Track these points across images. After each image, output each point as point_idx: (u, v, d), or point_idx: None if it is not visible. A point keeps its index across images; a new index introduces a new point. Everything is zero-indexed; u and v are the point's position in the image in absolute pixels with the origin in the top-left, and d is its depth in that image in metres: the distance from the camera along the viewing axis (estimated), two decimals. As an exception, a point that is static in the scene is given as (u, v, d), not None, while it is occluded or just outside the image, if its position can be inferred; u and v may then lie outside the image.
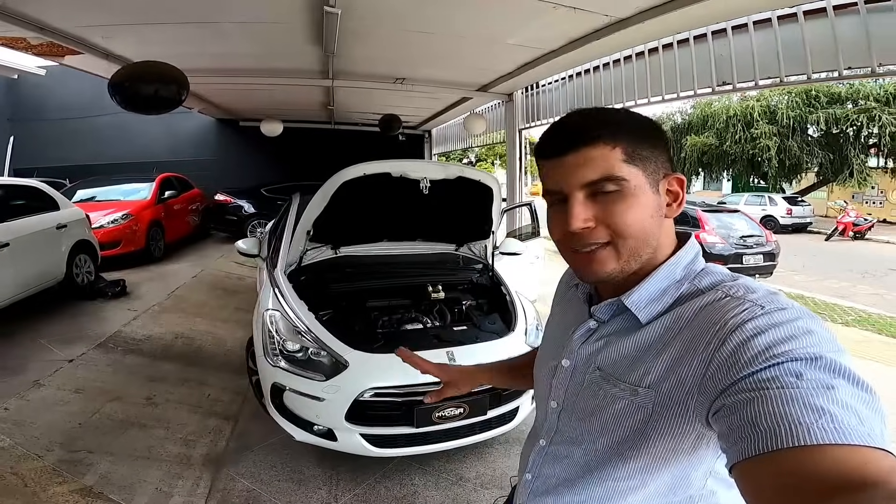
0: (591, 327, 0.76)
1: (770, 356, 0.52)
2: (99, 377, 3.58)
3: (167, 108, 3.92)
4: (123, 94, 3.65)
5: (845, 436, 0.44)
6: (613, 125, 0.67)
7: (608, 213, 0.66)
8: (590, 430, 0.72)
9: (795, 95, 16.52)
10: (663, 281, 0.69)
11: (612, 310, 0.73)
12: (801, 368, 0.50)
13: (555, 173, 0.69)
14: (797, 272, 9.61)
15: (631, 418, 0.66)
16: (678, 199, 0.71)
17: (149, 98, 3.72)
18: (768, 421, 0.47)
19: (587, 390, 0.73)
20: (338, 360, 2.54)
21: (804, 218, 16.84)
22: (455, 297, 3.44)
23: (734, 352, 0.55)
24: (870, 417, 0.46)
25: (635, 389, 0.66)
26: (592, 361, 0.73)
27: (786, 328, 0.54)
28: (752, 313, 0.57)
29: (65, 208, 5.63)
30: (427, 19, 4.20)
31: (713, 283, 0.67)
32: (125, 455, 2.73)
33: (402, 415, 2.53)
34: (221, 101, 8.96)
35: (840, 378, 0.49)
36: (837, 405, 0.46)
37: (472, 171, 3.23)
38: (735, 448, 0.49)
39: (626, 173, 0.66)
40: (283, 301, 2.85)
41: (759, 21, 3.90)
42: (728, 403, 0.53)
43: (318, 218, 3.02)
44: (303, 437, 2.59)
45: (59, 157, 11.14)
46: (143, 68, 3.76)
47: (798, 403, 0.47)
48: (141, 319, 4.83)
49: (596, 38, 4.23)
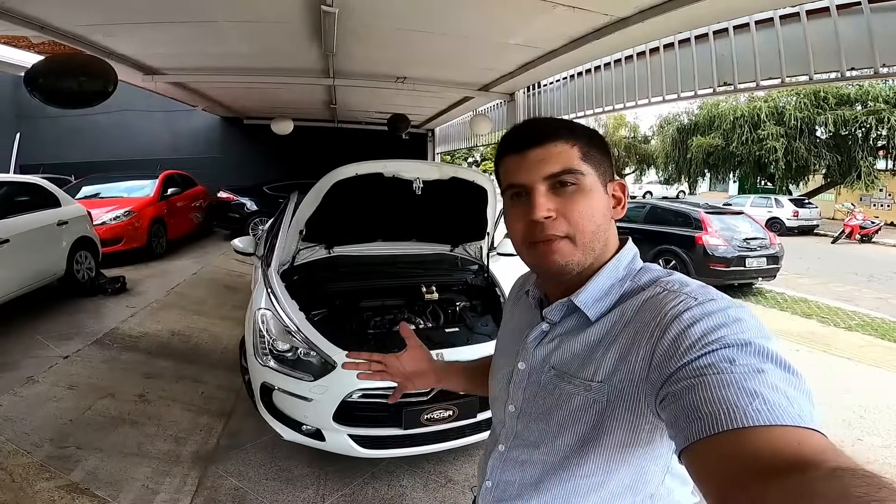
0: (543, 329, 0.79)
1: (705, 343, 0.56)
2: (93, 374, 3.59)
3: (92, 102, 3.73)
4: (40, 89, 3.47)
5: (777, 417, 0.47)
6: (570, 128, 0.74)
7: (567, 205, 0.70)
8: (548, 430, 0.74)
9: (804, 96, 16.41)
10: (607, 280, 0.73)
11: (562, 310, 0.76)
12: (734, 354, 0.54)
13: (518, 167, 0.73)
14: (802, 275, 9.51)
15: (587, 414, 0.69)
16: (621, 203, 0.78)
17: (71, 93, 3.54)
18: (708, 406, 0.50)
19: (543, 390, 0.75)
20: (326, 360, 2.53)
21: (811, 220, 16.68)
22: (449, 298, 3.43)
23: (674, 341, 0.59)
24: (797, 398, 0.50)
25: (588, 385, 0.68)
26: (547, 362, 0.75)
27: (717, 317, 0.59)
28: (688, 304, 0.62)
29: (66, 205, 5.66)
30: (426, 19, 4.19)
31: (651, 280, 0.72)
32: (114, 452, 2.73)
33: (390, 416, 2.52)
34: (224, 99, 9.00)
35: (769, 362, 0.53)
36: (768, 388, 0.49)
37: (466, 171, 3.21)
38: (681, 434, 0.52)
39: (583, 168, 0.71)
40: (274, 300, 2.85)
41: (761, 21, 3.85)
42: (672, 391, 0.56)
43: (310, 217, 3.02)
44: (291, 436, 2.58)
45: (65, 154, 11.23)
46: (63, 61, 3.60)
47: (733, 387, 0.50)
48: (139, 316, 4.85)
49: (596, 38, 4.20)
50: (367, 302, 3.29)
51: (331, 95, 8.00)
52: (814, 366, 4.68)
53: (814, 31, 3.47)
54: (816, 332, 5.81)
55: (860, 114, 15.58)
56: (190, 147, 12.21)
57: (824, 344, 5.35)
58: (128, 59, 5.57)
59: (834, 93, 16.06)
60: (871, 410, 3.75)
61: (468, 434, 2.68)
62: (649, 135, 26.20)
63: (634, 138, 26.40)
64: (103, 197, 8.02)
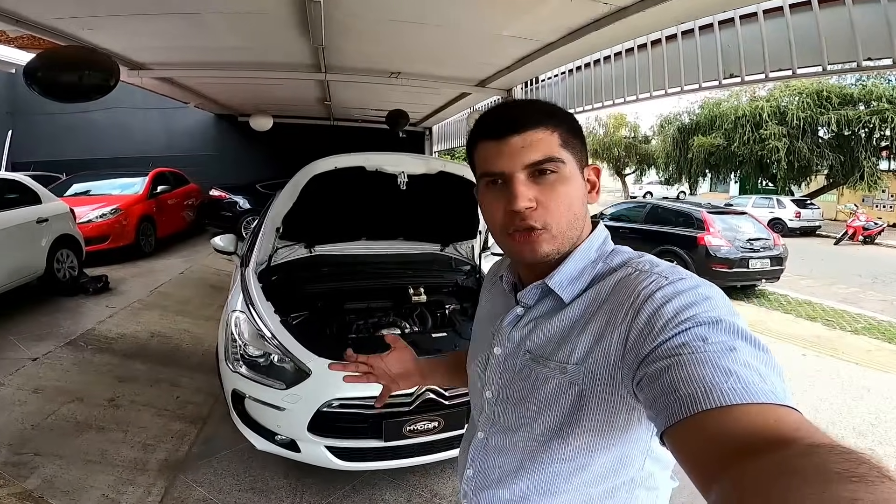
0: (518, 313, 0.78)
1: (678, 322, 0.56)
2: (62, 377, 3.42)
3: (93, 96, 3.63)
4: (39, 82, 3.35)
5: (752, 395, 0.47)
6: (551, 114, 0.73)
7: (547, 194, 0.69)
8: (526, 415, 0.73)
9: (806, 96, 16.26)
10: (580, 262, 0.73)
11: (536, 294, 0.76)
12: (706, 332, 0.54)
13: (497, 155, 0.71)
14: (804, 277, 9.34)
15: (564, 396, 0.68)
16: (595, 187, 0.77)
17: (71, 86, 3.43)
18: (685, 386, 0.50)
19: (520, 375, 0.75)
20: (300, 367, 2.36)
21: (813, 221, 16.47)
22: (438, 300, 3.25)
23: (647, 321, 0.59)
24: (769, 375, 0.50)
25: (564, 367, 0.68)
26: (522, 345, 0.75)
27: (688, 295, 0.59)
28: (659, 284, 0.62)
29: (47, 202, 5.49)
30: (417, 10, 4.01)
31: (623, 261, 0.72)
32: (76, 459, 2.58)
33: (369, 427, 2.35)
34: (215, 95, 8.82)
35: (739, 339, 0.54)
36: (741, 365, 0.50)
37: (455, 165, 3.04)
38: (661, 415, 0.52)
39: (563, 156, 0.70)
40: (249, 303, 2.68)
41: (770, 10, 3.67)
42: (648, 372, 0.56)
43: (288, 214, 2.85)
44: (264, 446, 2.42)
45: (57, 151, 11.11)
46: (62, 54, 3.50)
47: (708, 366, 0.50)
48: (118, 317, 4.68)
49: (595, 29, 4.03)
50: (350, 304, 3.12)
51: (325, 92, 7.83)
52: (821, 371, 4.52)
53: (827, 20, 3.28)
54: (822, 336, 5.66)
55: (863, 113, 15.38)
56: (184, 145, 12.06)
57: (831, 348, 5.21)
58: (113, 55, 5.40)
59: (837, 92, 15.89)
60: (883, 418, 3.61)
61: (455, 446, 2.50)
62: (650, 135, 26.02)
63: (635, 138, 26.22)
64: (93, 195, 7.86)
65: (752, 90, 18.70)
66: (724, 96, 19.52)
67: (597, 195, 0.78)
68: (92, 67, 3.51)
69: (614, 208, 9.72)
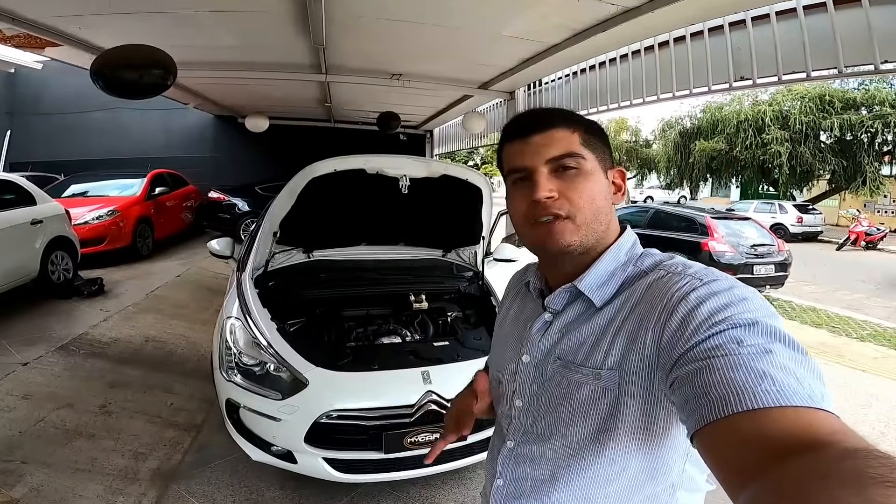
0: (546, 320, 0.77)
1: (713, 324, 0.55)
2: (52, 382, 3.33)
3: (153, 93, 3.69)
4: (105, 79, 3.39)
5: (787, 398, 0.46)
6: (571, 116, 0.77)
7: (569, 187, 0.71)
8: (559, 422, 0.72)
9: (809, 100, 16.18)
10: (610, 264, 0.73)
11: (565, 298, 0.75)
12: (741, 335, 0.53)
13: (521, 152, 0.74)
14: (808, 283, 9.26)
15: (599, 402, 0.67)
16: (622, 190, 0.79)
17: (133, 83, 3.46)
18: (718, 389, 0.49)
19: (551, 382, 0.73)
20: (297, 377, 2.27)
21: (815, 226, 16.38)
22: (440, 307, 3.17)
23: (681, 323, 0.58)
24: (806, 378, 0.49)
25: (598, 373, 0.67)
26: (553, 352, 0.74)
27: (723, 296, 0.58)
28: (693, 285, 0.61)
29: (42, 203, 5.40)
30: (417, 9, 3.95)
31: (654, 264, 0.71)
32: (64, 467, 2.49)
33: (369, 439, 2.27)
34: (214, 96, 8.75)
35: (777, 342, 0.52)
36: (777, 368, 0.49)
37: (458, 168, 2.95)
38: (692, 418, 0.51)
39: (584, 153, 0.73)
40: (244, 309, 2.59)
41: (783, 11, 3.59)
42: (681, 374, 0.55)
43: (285, 218, 2.76)
44: (259, 456, 2.34)
45: (55, 151, 11.03)
46: (127, 52, 3.50)
47: (742, 369, 0.49)
48: (112, 320, 4.58)
49: (601, 31, 3.95)
50: (349, 311, 3.03)
51: (325, 93, 7.76)
52: (829, 379, 4.40)
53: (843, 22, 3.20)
54: (828, 343, 5.58)
55: (866, 118, 15.31)
56: (184, 146, 11.97)
57: (837, 355, 5.13)
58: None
59: (840, 96, 15.83)
60: (893, 426, 3.57)
61: (458, 458, 2.42)
62: (651, 139, 25.95)
63: (636, 142, 26.15)
64: (90, 196, 7.78)
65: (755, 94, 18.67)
66: (726, 100, 19.47)
67: (622, 196, 0.79)
68: (152, 66, 3.55)
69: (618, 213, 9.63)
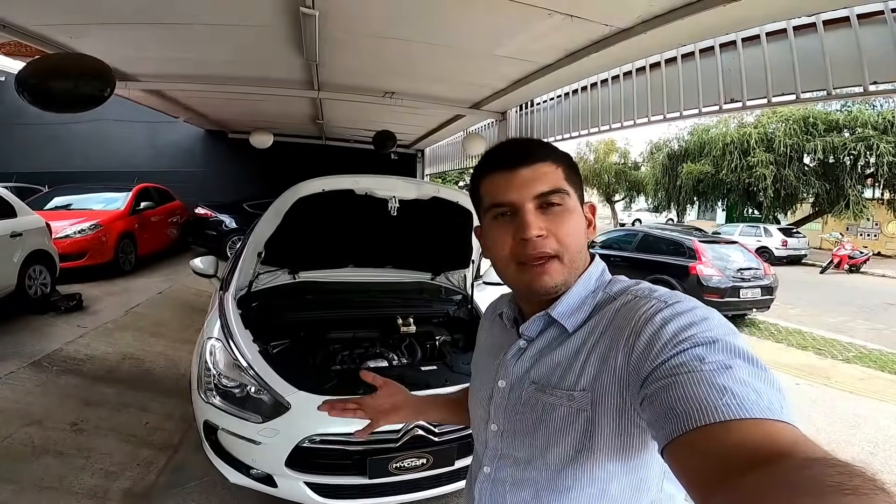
0: (521, 346, 0.79)
1: (677, 342, 0.58)
2: (23, 398, 3.20)
3: (87, 106, 3.50)
4: (31, 90, 3.23)
5: (747, 410, 0.48)
6: (554, 150, 0.77)
7: (556, 224, 0.72)
8: (535, 445, 0.72)
9: (793, 122, 16.48)
10: (581, 292, 0.74)
11: (539, 325, 0.77)
12: (703, 352, 0.55)
13: (506, 186, 0.73)
14: (793, 305, 9.32)
15: (573, 423, 0.68)
16: (591, 224, 0.79)
17: (64, 95, 3.30)
18: (682, 404, 0.51)
19: (526, 406, 0.74)
20: (279, 400, 2.18)
21: (799, 250, 16.63)
22: (428, 331, 3.10)
23: (648, 343, 0.60)
24: (766, 391, 0.51)
25: (571, 394, 0.68)
26: (527, 377, 0.75)
27: (686, 316, 0.61)
28: (658, 307, 0.64)
29: (22, 215, 5.28)
30: (409, 27, 3.95)
31: (622, 289, 0.73)
32: (30, 485, 2.39)
33: (353, 464, 2.19)
34: (205, 110, 8.70)
35: (737, 358, 0.54)
36: (737, 382, 0.51)
37: (448, 190, 2.91)
38: (661, 434, 0.52)
39: (568, 189, 0.74)
40: (226, 330, 2.50)
41: (773, 32, 3.64)
42: (649, 392, 0.57)
43: (270, 238, 2.69)
44: (238, 479, 2.24)
45: (41, 163, 10.86)
46: (57, 62, 3.37)
47: (704, 385, 0.51)
48: (88, 337, 4.43)
49: (594, 51, 3.98)
50: (335, 333, 2.95)
51: (317, 110, 7.75)
52: (816, 401, 4.45)
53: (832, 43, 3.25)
54: (815, 365, 5.61)
55: (848, 140, 15.58)
56: (171, 160, 11.85)
57: (824, 377, 5.16)
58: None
59: (823, 118, 16.15)
60: (882, 447, 3.57)
61: (444, 483, 2.35)
62: (640, 161, 26.31)
63: (625, 164, 26.49)
64: (74, 209, 7.62)
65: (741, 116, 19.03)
66: (713, 122, 19.82)
67: (593, 231, 0.80)
68: (86, 76, 3.39)
69: (605, 236, 9.64)
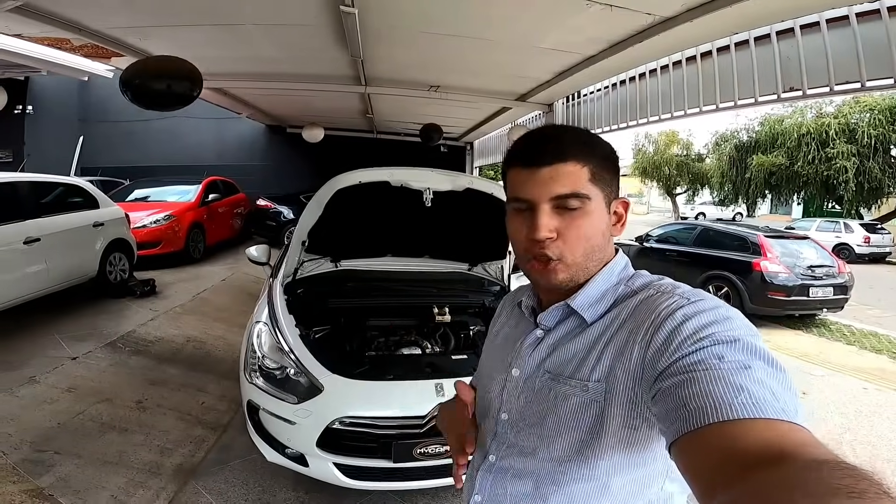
0: (538, 335, 0.79)
1: (696, 339, 0.57)
2: (97, 377, 3.53)
3: (179, 104, 3.85)
4: (134, 90, 3.59)
5: (761, 410, 0.48)
6: (586, 146, 0.74)
7: (569, 226, 0.72)
8: (543, 435, 0.72)
9: (878, 112, 15.11)
10: (602, 285, 0.75)
11: (557, 315, 0.77)
12: (723, 351, 0.55)
13: (527, 183, 0.73)
14: (872, 306, 8.59)
15: (584, 414, 0.68)
16: (622, 220, 0.79)
17: (160, 94, 3.64)
18: (696, 400, 0.51)
19: (538, 395, 0.75)
20: (313, 382, 2.32)
21: (884, 247, 15.20)
22: (463, 321, 3.15)
23: (667, 338, 0.60)
24: (782, 393, 0.51)
25: (585, 385, 0.69)
26: (542, 366, 0.76)
27: (709, 315, 0.60)
28: (680, 304, 0.64)
29: (104, 207, 5.79)
30: (452, 21, 4.01)
31: (644, 284, 0.74)
32: (94, 459, 2.62)
33: (379, 447, 2.28)
34: (263, 105, 9.17)
35: (756, 359, 0.54)
36: (754, 382, 0.51)
37: (483, 182, 2.95)
38: (671, 429, 0.53)
39: (590, 191, 0.72)
40: (272, 315, 2.68)
41: (834, 19, 3.40)
42: (663, 387, 0.57)
43: (313, 228, 2.84)
44: (274, 458, 2.40)
45: (122, 157, 11.78)
46: (155, 64, 3.71)
47: (721, 383, 0.51)
48: (159, 320, 4.83)
49: (638, 41, 3.88)
50: (373, 321, 3.07)
51: (366, 104, 7.96)
52: (883, 406, 4.13)
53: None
54: (887, 370, 5.18)
55: (944, 132, 14.15)
56: (236, 154, 12.57)
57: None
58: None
59: (914, 108, 14.72)
60: None
61: (469, 472, 2.39)
62: (704, 153, 24.97)
63: (687, 156, 25.23)
64: (151, 200, 8.28)
65: (819, 106, 17.64)
66: (787, 113, 18.51)
67: (622, 228, 0.79)
68: (179, 77, 3.71)
69: (662, 229, 9.22)
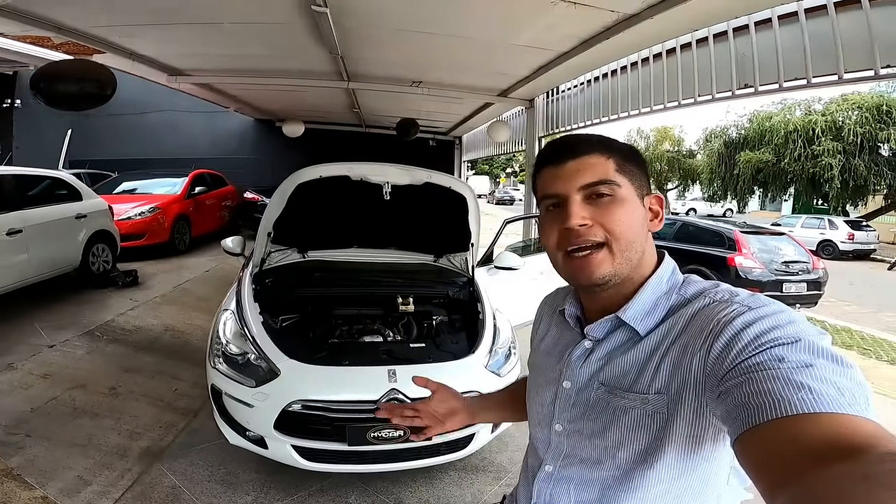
0: (587, 347, 0.79)
1: (758, 344, 0.57)
2: (72, 364, 3.63)
3: (91, 105, 3.92)
4: (42, 92, 3.67)
5: (825, 405, 0.47)
6: (607, 142, 0.77)
7: (602, 214, 0.72)
8: (605, 446, 0.73)
9: (865, 110, 15.29)
10: (652, 294, 0.74)
11: (607, 327, 0.76)
12: (784, 352, 0.54)
13: (555, 178, 0.75)
14: (849, 302, 8.78)
15: (647, 426, 0.69)
16: (658, 216, 0.78)
17: (71, 96, 3.72)
18: (756, 398, 0.51)
19: (595, 407, 0.75)
20: (271, 367, 2.43)
21: (867, 244, 15.43)
22: (426, 310, 3.26)
23: (727, 344, 0.60)
24: (849, 387, 0.49)
25: (645, 398, 0.69)
26: (595, 378, 0.76)
27: (770, 320, 0.59)
28: (740, 311, 0.62)
29: (87, 199, 5.86)
30: (428, 19, 4.09)
31: (698, 292, 0.72)
32: (63, 441, 2.73)
33: (333, 430, 2.38)
34: (251, 100, 9.22)
35: (820, 357, 0.53)
36: (816, 380, 0.50)
37: (442, 176, 3.04)
38: (733, 426, 0.53)
39: (618, 179, 0.73)
40: (238, 303, 2.79)
41: (785, 15, 3.51)
42: (724, 390, 0.57)
43: (278, 219, 2.94)
44: (236, 440, 2.50)
45: (111, 150, 11.80)
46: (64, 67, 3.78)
47: (780, 381, 0.51)
48: (138, 310, 4.93)
49: (606, 38, 3.99)
50: (339, 310, 3.18)
51: (352, 99, 8.04)
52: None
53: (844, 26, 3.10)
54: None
55: (929, 130, 14.33)
56: (226, 147, 12.62)
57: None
58: (151, 60, 5.76)
59: (899, 106, 14.89)
60: None
61: (424, 456, 2.51)
62: (695, 149, 25.13)
63: (678, 152, 25.37)
64: (138, 193, 8.34)
65: (808, 103, 17.78)
66: (775, 109, 18.67)
67: (659, 223, 0.78)
68: (89, 78, 3.78)
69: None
